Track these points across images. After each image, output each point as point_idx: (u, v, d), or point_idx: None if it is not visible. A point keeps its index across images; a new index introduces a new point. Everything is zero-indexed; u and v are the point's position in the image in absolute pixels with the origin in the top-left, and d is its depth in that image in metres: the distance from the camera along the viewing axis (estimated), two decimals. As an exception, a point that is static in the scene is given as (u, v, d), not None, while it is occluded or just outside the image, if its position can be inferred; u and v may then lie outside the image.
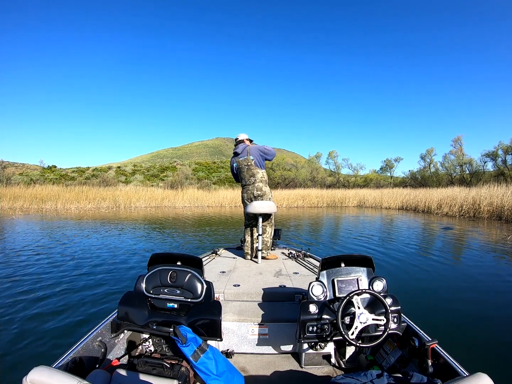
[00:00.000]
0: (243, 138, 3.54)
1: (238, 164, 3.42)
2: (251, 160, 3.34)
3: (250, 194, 3.36)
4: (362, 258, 1.85)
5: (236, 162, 3.44)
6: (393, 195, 20.93)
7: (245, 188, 3.42)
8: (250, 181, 3.37)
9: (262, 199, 3.32)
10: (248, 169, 3.35)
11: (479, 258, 6.01)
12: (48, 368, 0.97)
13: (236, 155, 3.44)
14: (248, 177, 3.37)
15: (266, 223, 3.39)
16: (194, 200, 20.97)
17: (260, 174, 3.38)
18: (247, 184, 3.39)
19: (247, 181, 3.38)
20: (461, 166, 31.55)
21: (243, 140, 3.53)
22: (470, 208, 14.03)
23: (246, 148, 3.40)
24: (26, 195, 18.32)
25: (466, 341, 2.73)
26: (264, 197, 3.35)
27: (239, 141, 3.52)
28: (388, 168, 41.06)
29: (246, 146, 3.43)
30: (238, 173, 3.48)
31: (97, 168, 43.57)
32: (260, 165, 3.39)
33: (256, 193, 3.33)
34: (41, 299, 3.75)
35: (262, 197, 3.34)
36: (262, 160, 3.41)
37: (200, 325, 1.58)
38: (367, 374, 1.29)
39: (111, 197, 19.10)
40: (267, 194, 3.39)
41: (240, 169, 3.41)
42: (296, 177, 34.86)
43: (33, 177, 34.33)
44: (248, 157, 3.35)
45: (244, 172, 3.39)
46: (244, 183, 3.43)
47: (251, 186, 3.36)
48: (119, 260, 5.72)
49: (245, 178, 3.39)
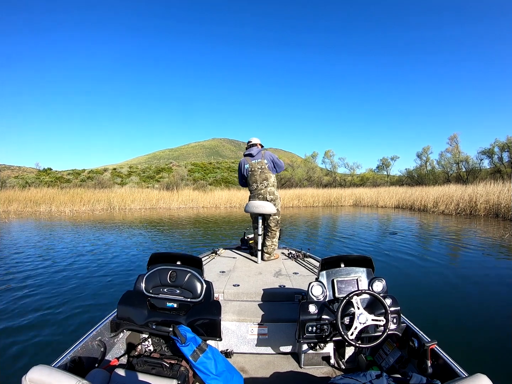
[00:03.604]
0: (256, 142, 3.46)
1: (250, 166, 3.32)
2: (265, 164, 3.28)
3: (263, 198, 3.26)
4: (362, 258, 1.84)
5: (249, 164, 3.33)
6: (389, 194, 20.89)
7: (256, 192, 3.29)
8: (263, 184, 3.27)
9: (274, 203, 3.25)
10: (262, 172, 3.28)
11: (477, 257, 5.97)
12: (48, 367, 0.96)
13: (250, 157, 3.34)
14: (261, 181, 3.27)
15: (275, 228, 3.35)
16: (189, 201, 20.85)
17: (273, 179, 3.33)
18: (258, 188, 3.28)
19: (259, 184, 3.28)
20: (458, 164, 31.64)
21: (256, 144, 3.46)
22: (467, 206, 14.00)
23: (260, 152, 3.35)
24: (21, 198, 18.14)
25: (466, 342, 2.71)
26: (276, 202, 3.28)
27: (252, 145, 3.43)
28: (384, 167, 41.11)
29: (260, 150, 3.38)
30: (248, 176, 3.35)
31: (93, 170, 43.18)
32: (272, 170, 3.36)
33: (269, 197, 3.25)
34: (39, 299, 3.74)
35: (274, 201, 3.26)
36: (273, 166, 3.37)
37: (200, 324, 1.58)
38: (366, 374, 1.29)
39: (105, 199, 18.94)
40: (278, 199, 3.33)
41: (252, 172, 3.30)
42: (292, 176, 34.78)
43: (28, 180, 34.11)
44: (262, 160, 3.29)
45: (256, 176, 3.29)
46: (255, 187, 3.30)
47: (263, 190, 3.26)
48: (116, 261, 5.73)
49: (257, 181, 3.28)
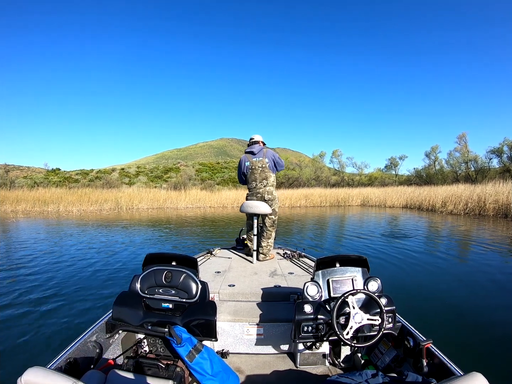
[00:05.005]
0: (258, 139, 3.44)
1: (251, 164, 3.27)
2: (266, 163, 3.24)
3: (261, 197, 3.22)
4: (357, 258, 1.84)
5: (249, 162, 3.28)
6: (397, 194, 20.72)
7: (255, 191, 3.26)
8: (262, 183, 3.23)
9: (271, 203, 3.22)
10: (262, 171, 3.24)
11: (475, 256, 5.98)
12: (43, 369, 0.97)
13: (252, 154, 3.30)
14: (260, 180, 3.24)
15: (271, 228, 3.32)
16: (197, 200, 20.88)
17: (272, 178, 3.29)
18: (257, 186, 3.24)
19: (258, 183, 3.24)
20: (466, 163, 31.13)
21: (258, 141, 3.43)
22: (475, 206, 13.78)
23: (262, 150, 3.30)
24: (29, 198, 18.36)
25: (461, 341, 2.72)
26: (274, 202, 3.25)
27: (254, 142, 3.41)
28: (393, 166, 40.75)
29: (262, 148, 3.33)
30: (248, 173, 3.31)
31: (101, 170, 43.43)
32: (273, 169, 3.32)
33: (267, 197, 3.21)
34: (35, 300, 3.73)
35: (272, 201, 3.23)
36: (274, 166, 3.32)
37: (195, 325, 1.58)
38: (362, 373, 1.29)
39: (113, 199, 19.04)
40: (276, 200, 3.30)
41: (253, 170, 3.26)
42: (300, 176, 34.62)
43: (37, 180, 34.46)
44: (263, 159, 3.24)
45: (256, 174, 3.25)
46: (254, 185, 3.26)
47: (261, 189, 3.22)
48: (115, 260, 5.69)
49: (257, 180, 3.25)
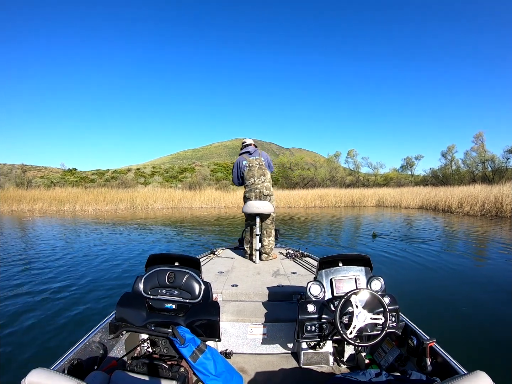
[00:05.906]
0: (250, 142, 3.68)
1: (248, 163, 3.47)
2: (262, 161, 3.47)
3: (259, 193, 3.37)
4: (360, 257, 1.84)
5: (247, 161, 3.48)
6: (413, 194, 20.34)
7: (253, 187, 3.40)
8: (260, 180, 3.41)
9: (270, 199, 3.37)
10: (260, 168, 3.44)
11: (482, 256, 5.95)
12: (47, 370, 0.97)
13: (249, 154, 3.53)
14: (258, 176, 3.42)
15: (271, 225, 3.46)
16: (211, 200, 20.86)
17: (269, 175, 3.51)
18: (256, 183, 3.41)
19: (256, 179, 3.41)
20: (483, 163, 30.43)
21: (251, 144, 3.66)
22: (492, 207, 13.47)
23: (257, 150, 3.57)
24: (46, 197, 18.73)
25: (465, 340, 2.71)
26: (271, 198, 3.42)
27: (247, 145, 3.65)
28: (408, 166, 40.24)
29: (257, 149, 3.60)
30: (245, 172, 3.49)
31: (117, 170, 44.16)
32: (268, 168, 3.54)
33: (266, 192, 3.37)
34: (39, 300, 3.74)
35: (270, 197, 3.39)
36: (268, 165, 3.56)
37: (199, 325, 1.57)
38: (366, 373, 1.29)
39: (128, 198, 19.19)
40: (273, 196, 3.48)
41: (250, 168, 3.45)
42: (315, 176, 34.45)
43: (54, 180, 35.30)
44: (259, 157, 3.49)
45: (254, 171, 3.43)
46: (252, 181, 3.43)
47: (260, 185, 3.39)
48: (121, 261, 5.67)
49: (255, 176, 3.42)
